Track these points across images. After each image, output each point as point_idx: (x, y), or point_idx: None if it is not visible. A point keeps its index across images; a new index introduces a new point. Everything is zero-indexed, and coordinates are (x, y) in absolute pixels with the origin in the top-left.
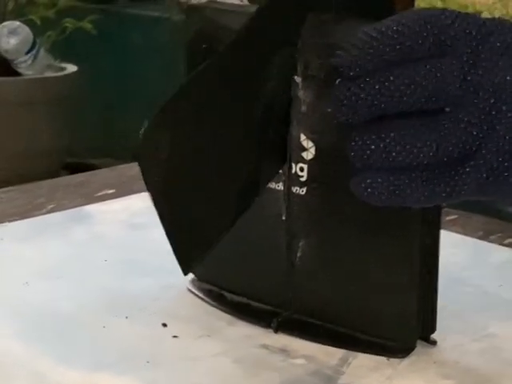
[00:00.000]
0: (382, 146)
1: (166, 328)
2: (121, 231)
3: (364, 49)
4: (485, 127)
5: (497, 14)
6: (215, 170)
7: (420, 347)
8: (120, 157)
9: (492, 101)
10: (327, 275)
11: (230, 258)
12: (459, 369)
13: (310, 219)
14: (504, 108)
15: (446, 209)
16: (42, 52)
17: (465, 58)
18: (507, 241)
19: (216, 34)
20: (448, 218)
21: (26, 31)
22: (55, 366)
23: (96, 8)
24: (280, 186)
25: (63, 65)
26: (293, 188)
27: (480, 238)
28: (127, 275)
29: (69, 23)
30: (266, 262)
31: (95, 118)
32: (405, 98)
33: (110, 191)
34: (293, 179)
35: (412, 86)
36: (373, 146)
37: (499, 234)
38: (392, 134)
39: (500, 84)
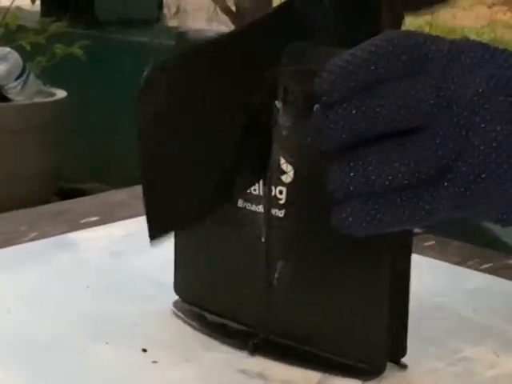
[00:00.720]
0: (360, 171)
1: (145, 353)
2: (103, 258)
3: (339, 74)
4: (460, 140)
5: (485, 38)
6: (195, 159)
7: (395, 372)
8: (110, 181)
9: (465, 114)
10: (303, 297)
11: (210, 278)
12: None
13: (287, 241)
14: (477, 120)
15: (424, 235)
16: (32, 78)
17: (437, 75)
18: (484, 266)
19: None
20: (426, 244)
21: (15, 57)
22: None
23: (86, 34)
24: (260, 209)
25: (53, 90)
26: (272, 210)
27: (457, 263)
28: (109, 301)
29: (59, 49)
30: (244, 282)
31: (85, 144)
32: (381, 119)
33: (94, 218)
34: (272, 202)
35: (387, 107)
36: (352, 173)
37: (476, 260)
38: (369, 158)
39: (472, 97)
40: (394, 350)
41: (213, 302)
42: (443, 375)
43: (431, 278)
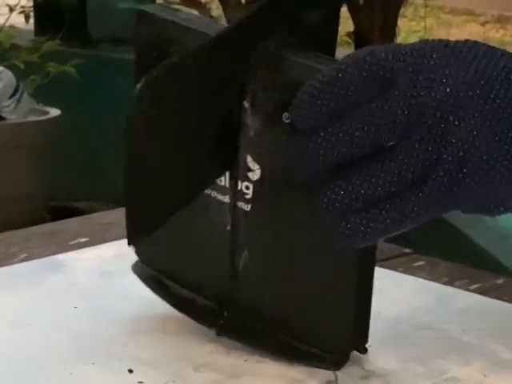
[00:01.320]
0: (350, 188)
1: (131, 374)
2: (92, 279)
3: (310, 102)
4: (438, 140)
5: None
6: (171, 156)
7: None
8: (104, 200)
9: (438, 114)
10: (268, 287)
11: (176, 249)
12: None
13: (252, 235)
14: (451, 118)
15: (413, 255)
16: (26, 96)
17: (405, 85)
18: (473, 286)
19: (166, 46)
20: (415, 264)
21: (8, 76)
22: None
23: (79, 52)
24: (226, 199)
25: (46, 109)
26: (238, 203)
27: (446, 283)
28: (97, 322)
29: (52, 67)
30: (211, 263)
31: (78, 162)
32: (361, 142)
33: (83, 239)
34: (238, 195)
35: (365, 129)
36: (342, 192)
37: (465, 280)
38: (356, 174)
39: (442, 98)
40: (360, 340)
41: (178, 273)
42: None
43: (419, 297)
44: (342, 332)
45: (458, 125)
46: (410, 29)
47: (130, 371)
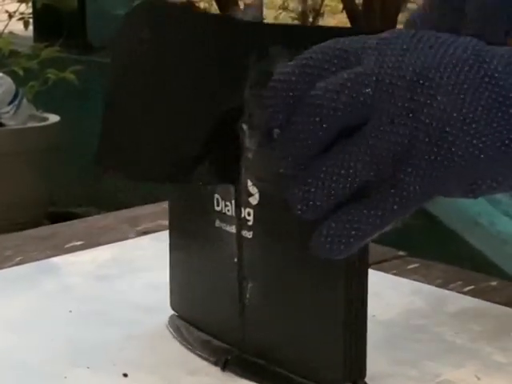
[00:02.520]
0: (320, 183)
1: (126, 378)
2: (87, 282)
3: (281, 89)
4: (409, 123)
5: None
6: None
7: None
8: (102, 206)
9: (408, 96)
10: (270, 318)
11: (194, 295)
12: None
13: (255, 262)
14: (422, 99)
15: (407, 258)
16: (25, 102)
17: (372, 66)
18: (466, 289)
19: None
20: (409, 267)
21: (8, 82)
22: None
23: (78, 59)
24: (233, 229)
25: (45, 115)
26: (242, 232)
27: (439, 286)
28: (92, 326)
29: (51, 74)
30: (222, 301)
31: (77, 168)
32: (327, 122)
33: (79, 243)
34: (242, 223)
35: (329, 110)
36: (312, 189)
37: (459, 282)
38: (324, 169)
39: (412, 78)
40: (354, 373)
41: (199, 319)
42: None
43: (413, 300)
44: (332, 364)
45: (430, 104)
46: None
47: (125, 375)
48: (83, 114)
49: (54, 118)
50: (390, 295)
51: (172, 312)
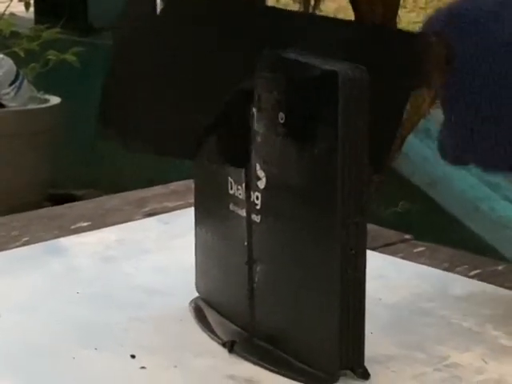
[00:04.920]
0: None
1: (134, 359)
2: (94, 264)
3: None
4: None
5: None
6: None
7: (381, 377)
8: (103, 188)
9: None
10: (276, 302)
11: (213, 276)
12: None
13: (263, 246)
14: None
15: (413, 241)
16: (26, 84)
17: None
18: (473, 272)
19: None
20: (415, 250)
21: (9, 63)
22: None
23: (79, 40)
24: (244, 213)
25: (46, 97)
26: (252, 215)
27: (446, 269)
28: (98, 307)
29: (52, 55)
30: (234, 284)
31: (78, 150)
32: None
33: (85, 224)
34: (251, 207)
35: None
36: None
37: (465, 266)
38: None
39: None
40: (351, 359)
41: (216, 301)
42: (429, 380)
43: (420, 283)
44: (329, 351)
45: None
46: (409, 20)
47: (133, 356)
48: (84, 96)
49: (54, 100)
50: (396, 278)
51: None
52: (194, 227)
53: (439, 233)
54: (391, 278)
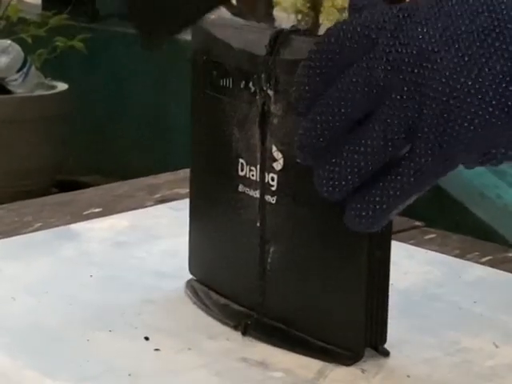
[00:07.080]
0: (342, 163)
1: (147, 341)
2: (106, 249)
3: (308, 74)
4: (416, 97)
5: None
6: None
7: (393, 361)
8: (110, 174)
9: (415, 70)
10: (291, 282)
11: (214, 260)
12: (432, 382)
13: (278, 227)
14: (426, 73)
15: (424, 228)
16: (33, 70)
17: (385, 41)
18: (484, 259)
19: (213, 46)
20: (426, 237)
21: (16, 50)
22: (41, 379)
23: (86, 27)
24: (257, 194)
25: (54, 83)
26: (266, 196)
27: (457, 256)
28: (111, 290)
29: (60, 42)
30: (242, 265)
31: (85, 136)
32: (345, 109)
33: (97, 210)
34: (265, 188)
35: (345, 102)
36: (336, 168)
37: (476, 253)
38: (345, 149)
39: (418, 54)
40: (374, 337)
41: (217, 283)
42: (441, 365)
43: (430, 269)
44: (354, 329)
45: (435, 78)
46: None
47: (147, 338)
48: (91, 82)
49: (62, 86)
50: (407, 264)
51: (189, 277)
52: (189, 213)
53: (447, 221)
54: (402, 264)
